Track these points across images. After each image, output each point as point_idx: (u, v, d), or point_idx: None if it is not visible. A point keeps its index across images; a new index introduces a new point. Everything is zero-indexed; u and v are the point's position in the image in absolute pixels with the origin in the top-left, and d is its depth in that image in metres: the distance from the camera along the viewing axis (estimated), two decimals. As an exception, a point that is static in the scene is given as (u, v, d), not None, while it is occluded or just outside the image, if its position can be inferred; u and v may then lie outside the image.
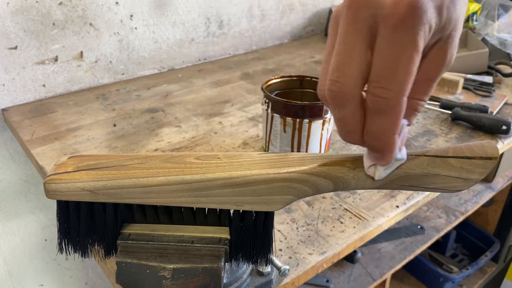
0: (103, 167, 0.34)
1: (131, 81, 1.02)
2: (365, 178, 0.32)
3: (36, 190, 0.98)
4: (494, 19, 1.16)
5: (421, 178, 0.32)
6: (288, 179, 0.32)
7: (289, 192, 0.33)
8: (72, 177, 0.33)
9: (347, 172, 0.32)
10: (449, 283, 1.32)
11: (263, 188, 0.32)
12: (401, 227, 1.17)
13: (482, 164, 0.31)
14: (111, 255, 0.38)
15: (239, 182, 0.32)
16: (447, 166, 0.31)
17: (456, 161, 0.31)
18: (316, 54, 1.21)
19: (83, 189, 0.33)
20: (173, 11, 1.05)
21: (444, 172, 0.31)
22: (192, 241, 0.36)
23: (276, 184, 0.32)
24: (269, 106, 0.66)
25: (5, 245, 0.98)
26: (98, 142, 0.76)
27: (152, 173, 0.33)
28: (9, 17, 0.82)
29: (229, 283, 0.44)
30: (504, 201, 1.46)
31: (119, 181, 0.33)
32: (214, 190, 0.33)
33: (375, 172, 0.31)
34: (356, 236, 0.56)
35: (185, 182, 0.33)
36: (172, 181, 0.33)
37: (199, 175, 0.33)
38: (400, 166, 0.32)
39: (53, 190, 0.34)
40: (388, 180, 0.32)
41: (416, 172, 0.32)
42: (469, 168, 0.31)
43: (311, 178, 0.32)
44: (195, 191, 0.33)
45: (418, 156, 0.32)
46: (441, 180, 0.32)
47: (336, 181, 0.33)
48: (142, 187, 0.33)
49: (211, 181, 0.32)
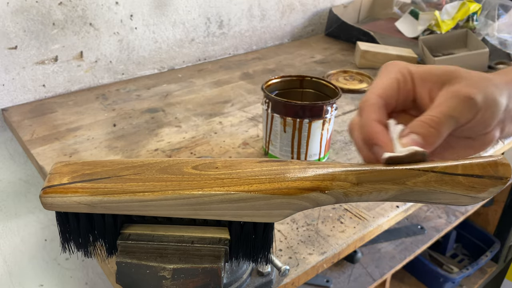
0: (98, 178, 0.34)
1: (131, 81, 1.02)
2: (369, 193, 0.31)
3: (36, 190, 0.97)
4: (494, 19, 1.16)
5: (427, 194, 0.31)
6: (287, 196, 0.31)
7: (289, 207, 0.32)
8: (68, 190, 0.33)
9: (349, 187, 0.31)
10: (449, 283, 1.32)
11: (262, 204, 0.32)
12: (401, 227, 1.17)
13: (493, 184, 0.30)
14: (113, 254, 0.38)
15: (237, 198, 0.32)
16: (455, 184, 0.30)
17: (465, 179, 0.30)
18: (316, 54, 1.21)
19: (79, 203, 0.33)
20: (173, 11, 1.05)
21: (452, 190, 0.30)
22: (192, 241, 0.36)
23: (276, 200, 0.32)
24: (269, 106, 0.66)
25: (5, 245, 0.98)
26: (98, 142, 0.76)
27: (148, 186, 0.33)
28: (9, 17, 0.82)
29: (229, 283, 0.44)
30: (504, 201, 1.46)
31: (116, 195, 0.33)
32: (212, 205, 0.32)
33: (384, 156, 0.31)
34: (356, 236, 0.56)
35: (182, 198, 0.32)
36: (169, 197, 0.32)
37: (196, 190, 0.32)
38: (408, 181, 0.31)
39: (50, 203, 0.33)
40: (391, 196, 0.31)
41: (423, 189, 0.31)
42: (479, 187, 0.30)
43: (312, 195, 0.31)
44: (193, 205, 0.32)
45: (426, 172, 0.30)
46: (447, 197, 0.31)
47: (338, 196, 0.32)
48: (139, 202, 0.33)
49: (208, 197, 0.32)
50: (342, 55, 1.21)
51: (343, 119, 0.85)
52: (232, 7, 1.15)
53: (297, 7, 1.31)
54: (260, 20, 1.23)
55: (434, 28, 1.24)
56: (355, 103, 0.92)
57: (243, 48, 1.24)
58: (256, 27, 1.24)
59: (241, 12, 1.18)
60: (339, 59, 1.18)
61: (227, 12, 1.15)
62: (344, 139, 0.78)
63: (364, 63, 1.10)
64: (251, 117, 0.85)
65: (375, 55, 1.09)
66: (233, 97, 0.94)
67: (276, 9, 1.26)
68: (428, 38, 1.14)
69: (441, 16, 1.21)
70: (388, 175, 0.31)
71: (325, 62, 1.15)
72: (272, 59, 1.17)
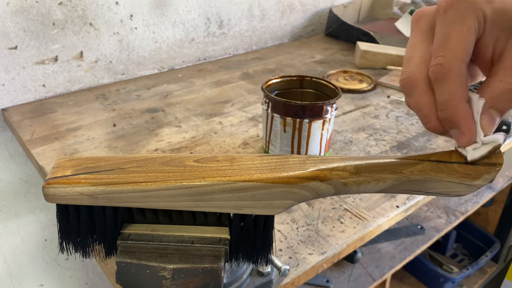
0: (101, 170, 0.34)
1: (131, 81, 1.02)
2: (367, 182, 0.32)
3: (36, 190, 0.98)
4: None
5: (424, 183, 0.31)
6: (288, 185, 0.32)
7: (289, 197, 0.32)
8: (71, 181, 0.33)
9: (348, 177, 0.32)
10: (449, 283, 1.32)
11: (263, 193, 0.32)
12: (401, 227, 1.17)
13: (487, 170, 0.30)
14: (112, 255, 0.38)
15: (238, 188, 0.32)
16: (450, 172, 0.31)
17: (460, 166, 0.31)
18: (316, 54, 1.21)
19: (82, 193, 0.33)
20: (173, 11, 1.05)
21: (448, 178, 0.31)
22: (192, 241, 0.36)
23: (276, 189, 0.32)
24: (269, 106, 0.66)
25: (5, 245, 0.98)
26: (98, 142, 0.76)
27: (150, 177, 0.33)
28: (9, 17, 0.82)
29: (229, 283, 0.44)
30: (504, 201, 1.46)
31: (118, 186, 0.33)
32: (213, 195, 0.33)
33: (466, 153, 0.30)
34: (356, 236, 0.56)
35: (184, 187, 0.32)
36: (171, 186, 0.32)
37: (197, 179, 0.32)
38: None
39: (52, 194, 0.33)
40: (389, 185, 0.32)
41: (419, 178, 0.31)
42: (473, 174, 0.30)
43: (312, 184, 0.32)
44: (194, 196, 0.33)
45: (422, 161, 0.31)
46: (443, 185, 0.31)
47: (337, 186, 0.32)
48: (141, 192, 0.33)
49: (210, 186, 0.32)
50: (342, 55, 1.21)
51: (343, 119, 0.85)
52: (232, 7, 1.15)
53: (297, 7, 1.31)
54: (260, 20, 1.24)
55: (434, 28, 1.24)
56: (355, 103, 0.92)
57: (243, 48, 1.24)
58: (256, 27, 1.24)
59: (241, 12, 1.18)
60: (339, 59, 1.18)
61: (227, 12, 1.15)
62: (344, 139, 0.78)
63: (364, 63, 1.11)
64: (251, 117, 0.85)
65: (375, 55, 1.09)
66: (233, 97, 0.94)
67: (276, 9, 1.26)
68: (428, 38, 1.14)
69: (441, 16, 1.21)
70: (385, 165, 0.32)
71: (325, 62, 1.15)
72: (272, 59, 1.17)
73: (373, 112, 0.89)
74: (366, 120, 0.85)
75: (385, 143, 0.77)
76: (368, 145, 0.76)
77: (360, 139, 0.78)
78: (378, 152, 0.74)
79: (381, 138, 0.79)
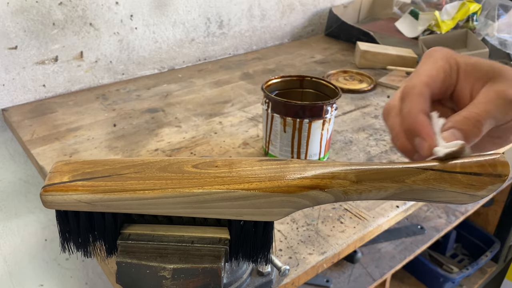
0: (99, 176, 0.34)
1: (131, 81, 1.02)
2: (368, 191, 0.31)
3: (36, 190, 0.98)
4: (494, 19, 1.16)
5: (426, 192, 0.31)
6: (287, 194, 0.31)
7: (289, 205, 0.32)
8: (68, 188, 0.33)
9: (349, 185, 0.31)
10: (449, 283, 1.32)
11: (262, 202, 0.32)
12: (401, 227, 1.17)
13: (491, 181, 0.30)
14: (113, 254, 0.38)
15: (238, 196, 0.32)
16: (454, 182, 0.30)
17: (464, 177, 0.30)
18: (316, 54, 1.21)
19: (79, 201, 0.33)
20: (173, 11, 1.05)
21: (451, 188, 0.30)
22: (192, 241, 0.36)
23: (275, 198, 0.32)
24: (269, 106, 0.66)
25: (5, 245, 0.98)
26: (98, 142, 0.76)
27: (148, 185, 0.33)
28: (9, 17, 0.82)
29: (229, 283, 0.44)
30: (504, 201, 1.46)
31: (116, 194, 0.33)
32: (213, 203, 0.32)
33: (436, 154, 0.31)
34: (356, 236, 0.56)
35: (182, 196, 0.32)
36: (169, 195, 0.32)
37: (196, 187, 0.32)
38: (409, 179, 0.31)
39: (50, 201, 0.33)
40: (390, 194, 0.31)
41: (421, 187, 0.31)
42: (478, 184, 0.30)
43: (312, 193, 0.32)
44: (193, 204, 0.32)
45: (425, 170, 0.30)
46: (446, 195, 0.31)
47: (337, 195, 0.32)
48: (139, 200, 0.33)
49: (209, 195, 0.32)
50: (342, 55, 1.21)
51: (343, 119, 0.85)
52: (232, 7, 1.15)
53: (297, 7, 1.31)
54: (260, 20, 1.24)
55: (434, 28, 1.24)
56: (355, 103, 0.92)
57: (243, 48, 1.24)
58: (256, 27, 1.24)
59: (241, 12, 1.18)
60: (339, 59, 1.18)
61: (227, 12, 1.15)
62: (344, 139, 0.78)
63: (364, 63, 1.10)
64: (251, 117, 0.85)
65: (375, 55, 1.09)
66: (233, 97, 0.94)
67: (276, 9, 1.26)
68: (428, 38, 1.14)
69: (441, 16, 1.21)
70: (387, 173, 0.31)
71: (325, 62, 1.15)
72: (272, 59, 1.17)
73: (373, 112, 0.89)
74: (366, 120, 0.85)
75: (385, 143, 0.77)
76: (368, 145, 0.76)
77: (360, 139, 0.78)
78: (378, 152, 0.74)
79: (381, 138, 0.79)
